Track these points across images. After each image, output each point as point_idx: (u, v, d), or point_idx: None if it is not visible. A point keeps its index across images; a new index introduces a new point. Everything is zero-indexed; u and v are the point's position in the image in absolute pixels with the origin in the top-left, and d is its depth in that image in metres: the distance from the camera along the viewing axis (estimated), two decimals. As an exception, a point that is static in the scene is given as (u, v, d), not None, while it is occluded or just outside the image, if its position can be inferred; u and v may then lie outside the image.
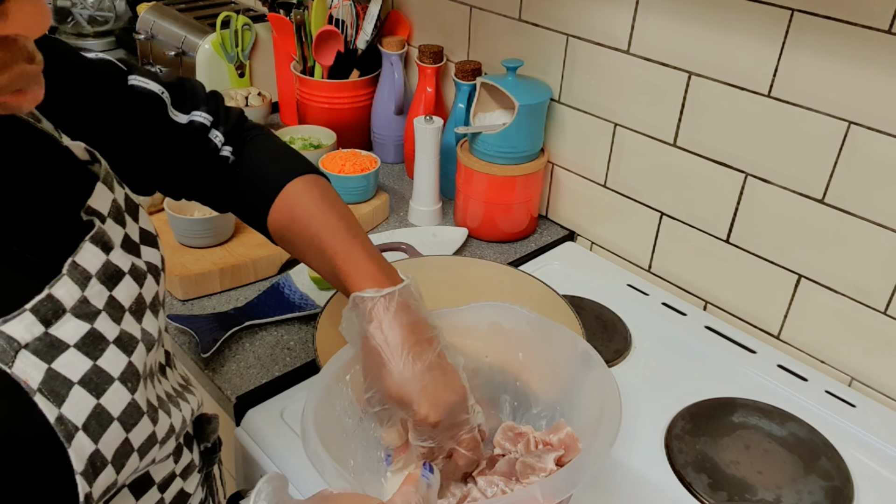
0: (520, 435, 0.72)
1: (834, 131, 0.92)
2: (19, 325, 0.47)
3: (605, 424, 0.63)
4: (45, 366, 0.47)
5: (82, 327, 0.50)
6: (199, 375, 0.98)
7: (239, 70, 1.61)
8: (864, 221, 0.93)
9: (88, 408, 0.49)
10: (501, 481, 0.67)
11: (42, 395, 0.47)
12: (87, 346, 0.50)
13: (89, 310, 0.51)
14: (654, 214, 1.17)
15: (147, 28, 1.71)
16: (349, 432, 0.70)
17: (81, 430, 0.48)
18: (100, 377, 0.50)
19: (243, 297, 1.09)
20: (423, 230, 1.27)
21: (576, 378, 0.73)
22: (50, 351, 0.48)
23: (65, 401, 0.48)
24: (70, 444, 0.47)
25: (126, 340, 0.53)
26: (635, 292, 1.16)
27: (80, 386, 0.49)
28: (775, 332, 1.07)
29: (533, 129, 1.20)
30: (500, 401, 0.78)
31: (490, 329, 0.76)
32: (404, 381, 0.64)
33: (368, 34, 1.42)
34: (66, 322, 0.49)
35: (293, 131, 1.43)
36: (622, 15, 1.09)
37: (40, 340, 0.47)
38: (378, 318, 0.65)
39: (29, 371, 0.46)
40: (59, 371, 0.48)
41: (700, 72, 1.03)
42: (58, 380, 0.48)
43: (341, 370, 0.69)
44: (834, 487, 0.84)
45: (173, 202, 1.17)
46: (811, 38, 0.91)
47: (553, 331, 0.74)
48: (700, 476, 0.85)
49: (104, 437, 0.49)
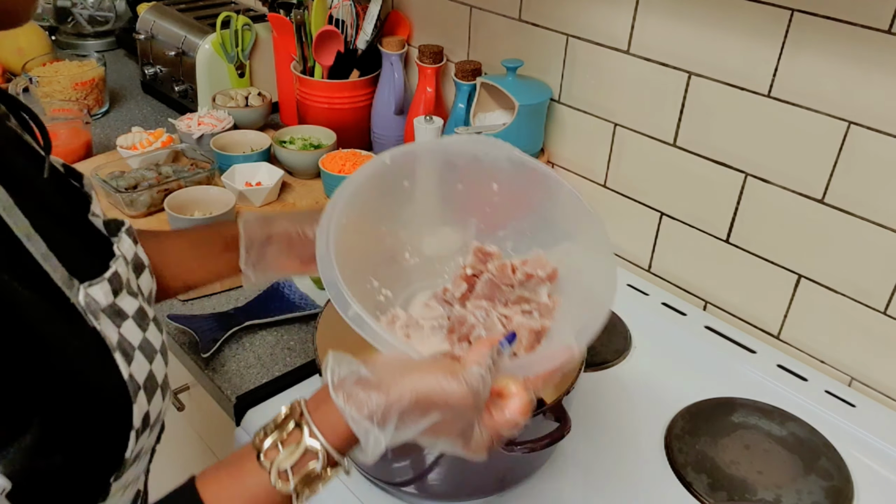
0: (488, 255, 0.74)
1: (834, 131, 0.92)
2: (100, 291, 0.54)
3: (603, 263, 0.67)
4: (117, 329, 0.54)
5: (134, 303, 0.58)
6: (200, 375, 0.98)
7: (239, 70, 1.61)
8: (864, 221, 0.93)
9: (145, 371, 0.56)
10: (488, 305, 0.70)
11: (119, 354, 0.53)
12: (139, 318, 0.57)
13: (134, 289, 0.59)
14: (654, 214, 1.17)
15: (147, 28, 1.71)
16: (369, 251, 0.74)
17: (142, 389, 0.55)
18: (149, 346, 0.57)
19: (243, 297, 1.09)
20: (423, 230, 1.27)
21: (549, 210, 0.77)
22: (117, 318, 0.55)
23: (132, 361, 0.55)
24: (136, 400, 0.54)
25: (157, 322, 0.61)
26: (635, 292, 1.16)
27: (139, 351, 0.56)
28: (775, 332, 1.07)
29: (533, 129, 1.20)
30: (468, 223, 0.80)
31: (470, 160, 0.77)
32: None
33: (368, 34, 1.42)
34: (125, 297, 0.57)
35: (293, 131, 1.43)
36: (622, 15, 1.09)
37: (111, 307, 0.55)
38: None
39: (108, 331, 0.53)
40: (126, 336, 0.55)
41: (700, 72, 1.03)
42: (126, 342, 0.55)
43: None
44: (834, 487, 0.84)
45: (173, 201, 1.17)
46: (811, 38, 0.91)
47: (532, 167, 0.76)
48: (700, 476, 0.85)
49: (153, 401, 0.56)
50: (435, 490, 0.78)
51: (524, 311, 0.72)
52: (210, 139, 1.38)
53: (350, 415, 0.52)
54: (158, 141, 1.39)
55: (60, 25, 1.97)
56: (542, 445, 0.70)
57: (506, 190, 0.77)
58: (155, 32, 1.69)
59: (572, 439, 0.86)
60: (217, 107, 1.50)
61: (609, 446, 0.88)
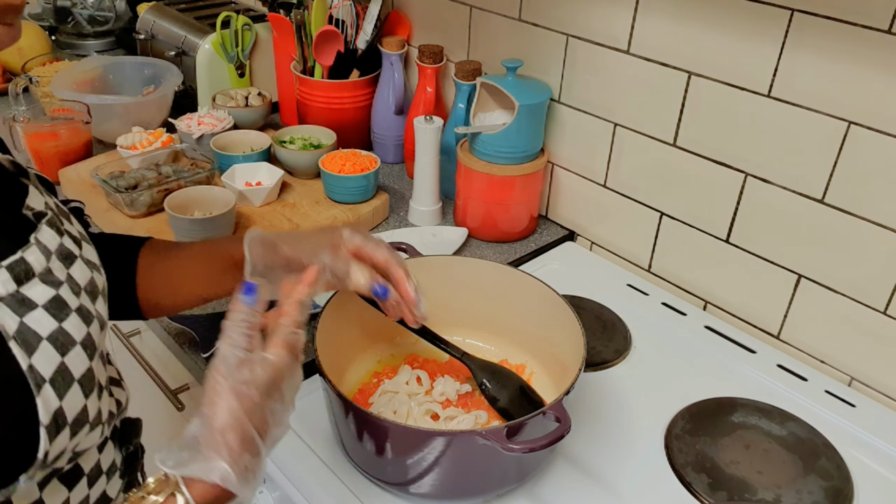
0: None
1: (834, 131, 0.92)
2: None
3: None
4: (18, 318, 0.52)
5: (49, 292, 0.56)
6: (200, 375, 0.98)
7: (239, 70, 1.61)
8: (864, 221, 0.93)
9: (55, 363, 0.54)
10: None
11: (16, 343, 0.51)
12: (54, 308, 0.55)
13: (54, 279, 0.57)
14: (654, 214, 1.17)
15: (147, 28, 1.71)
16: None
17: (48, 383, 0.53)
18: (65, 337, 0.55)
19: (243, 297, 1.09)
20: (423, 230, 1.27)
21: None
22: (21, 307, 0.53)
23: (35, 352, 0.52)
24: (38, 394, 0.52)
25: (85, 313, 0.59)
26: (635, 292, 1.16)
27: (48, 342, 0.54)
28: (775, 332, 1.07)
29: (533, 129, 1.20)
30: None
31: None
32: (308, 231, 0.79)
33: (368, 34, 1.42)
34: (35, 285, 0.55)
35: (293, 131, 1.43)
36: (622, 15, 1.09)
37: (13, 297, 0.53)
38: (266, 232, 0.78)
39: (5, 319, 0.51)
40: (30, 325, 0.53)
41: (700, 72, 1.03)
42: (29, 332, 0.53)
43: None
44: (834, 487, 0.84)
45: (173, 201, 1.17)
46: (811, 38, 0.91)
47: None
48: (700, 476, 0.85)
49: (68, 397, 0.54)
50: (435, 490, 0.78)
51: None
52: (210, 139, 1.38)
53: (197, 473, 0.54)
54: (158, 141, 1.39)
55: (60, 25, 1.97)
56: (542, 445, 0.70)
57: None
58: (155, 32, 1.69)
59: (572, 439, 0.86)
60: (217, 107, 1.50)
61: (609, 446, 0.88)
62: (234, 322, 0.60)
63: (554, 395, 0.82)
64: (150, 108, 1.52)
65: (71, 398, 0.54)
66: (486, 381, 0.88)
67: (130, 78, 1.63)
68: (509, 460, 0.76)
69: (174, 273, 0.81)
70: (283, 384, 0.61)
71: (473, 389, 0.91)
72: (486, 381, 0.88)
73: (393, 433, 0.75)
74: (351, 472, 0.83)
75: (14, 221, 0.58)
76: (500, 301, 0.95)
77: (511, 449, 0.69)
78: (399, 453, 0.75)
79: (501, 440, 0.70)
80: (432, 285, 0.96)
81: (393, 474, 0.79)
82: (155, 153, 1.34)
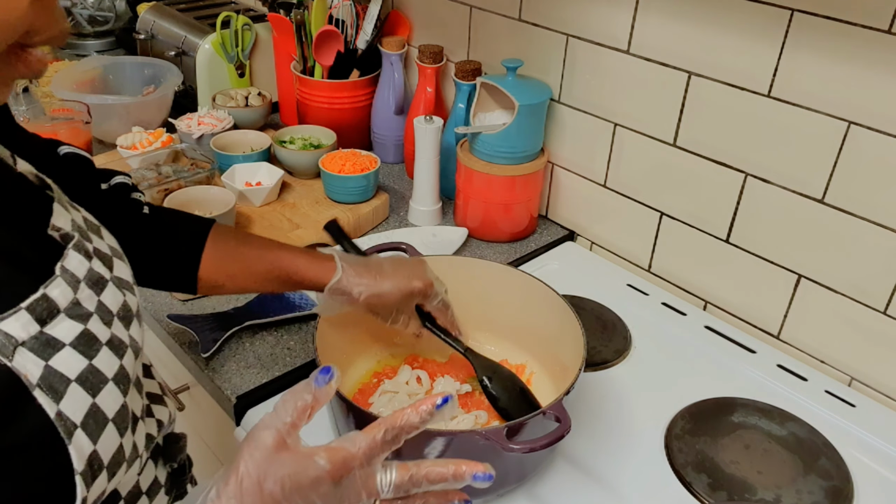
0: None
1: (834, 131, 0.92)
2: (15, 323, 0.47)
3: None
4: (43, 363, 0.48)
5: (76, 327, 0.51)
6: (200, 375, 0.98)
7: (239, 70, 1.61)
8: (864, 221, 0.93)
9: (86, 406, 0.50)
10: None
11: (41, 391, 0.47)
12: (83, 345, 0.51)
13: (82, 311, 0.52)
14: (653, 214, 1.17)
15: (147, 28, 1.71)
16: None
17: (80, 427, 0.49)
18: (95, 376, 0.51)
19: (243, 297, 1.09)
20: (423, 230, 1.27)
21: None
22: (46, 349, 0.49)
23: (63, 397, 0.48)
24: (70, 441, 0.48)
25: (117, 343, 0.54)
26: (635, 292, 1.16)
27: (77, 384, 0.49)
28: (775, 332, 1.07)
29: (533, 129, 1.20)
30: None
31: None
32: (394, 287, 0.82)
33: (368, 34, 1.42)
34: (61, 322, 0.50)
35: (293, 131, 1.43)
36: (622, 15, 1.09)
37: (36, 339, 0.48)
38: (353, 287, 0.81)
39: (28, 366, 0.47)
40: (57, 368, 0.49)
41: (700, 72, 1.03)
42: (56, 376, 0.48)
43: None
44: (834, 487, 0.84)
45: (173, 201, 1.17)
46: (811, 38, 0.91)
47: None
48: (700, 476, 0.85)
49: (102, 439, 0.50)
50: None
51: None
52: (210, 139, 1.38)
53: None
54: (158, 141, 1.39)
55: (60, 25, 1.97)
56: (542, 445, 0.70)
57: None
58: (155, 32, 1.69)
59: (572, 439, 0.86)
60: (217, 107, 1.50)
61: (609, 446, 0.88)
62: (293, 398, 0.53)
63: (554, 395, 0.82)
64: (150, 108, 1.52)
65: (105, 439, 0.51)
66: (487, 379, 0.88)
67: (130, 78, 1.63)
68: (509, 460, 0.76)
69: (238, 264, 0.81)
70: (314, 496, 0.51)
71: (474, 389, 0.91)
72: (488, 378, 0.88)
73: (393, 433, 0.75)
74: (351, 472, 0.83)
75: (38, 247, 0.54)
76: (500, 301, 0.95)
77: (511, 449, 0.69)
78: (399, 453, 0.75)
79: (501, 440, 0.70)
80: (432, 285, 0.96)
81: (393, 474, 0.78)
82: (155, 153, 1.34)
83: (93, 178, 0.79)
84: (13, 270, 0.50)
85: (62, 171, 0.72)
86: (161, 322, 1.03)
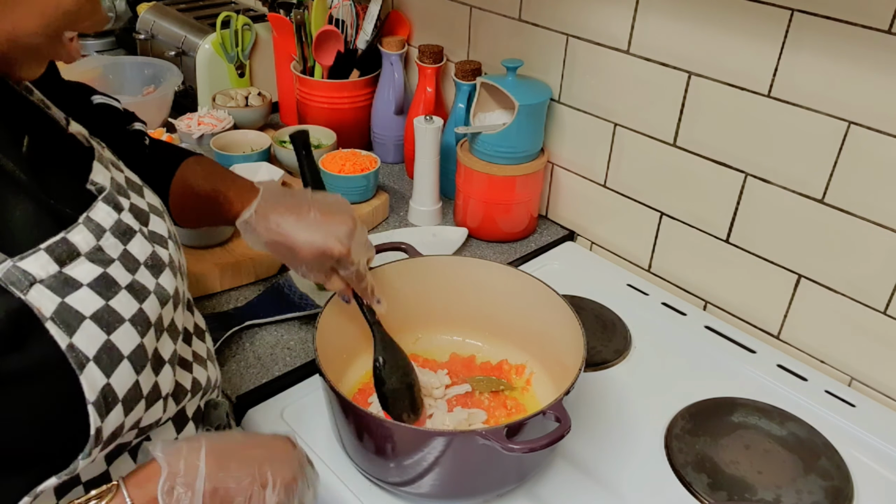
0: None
1: (834, 131, 0.92)
2: (34, 263, 0.52)
3: None
4: (59, 299, 0.53)
5: (95, 270, 0.56)
6: (199, 375, 0.98)
7: (239, 70, 1.61)
8: (864, 221, 0.93)
9: (99, 342, 0.54)
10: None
11: (54, 324, 0.52)
12: (100, 286, 0.55)
13: (104, 257, 0.57)
14: (653, 214, 1.17)
15: (147, 28, 1.71)
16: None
17: (93, 361, 0.53)
18: (111, 316, 0.55)
19: (243, 297, 1.09)
20: (423, 230, 1.27)
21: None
22: (64, 287, 0.53)
23: (76, 331, 0.53)
24: (82, 372, 0.52)
25: (138, 289, 0.58)
26: (635, 292, 1.16)
27: (92, 321, 0.54)
28: (775, 332, 1.07)
29: (533, 129, 1.20)
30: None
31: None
32: (307, 242, 0.77)
33: (368, 34, 1.42)
34: (81, 264, 0.55)
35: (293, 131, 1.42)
36: (622, 15, 1.09)
37: (55, 278, 0.53)
38: (261, 224, 0.80)
39: (42, 301, 0.52)
40: (72, 305, 0.53)
41: (700, 72, 1.03)
42: (70, 312, 0.53)
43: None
44: (834, 487, 0.84)
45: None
46: (811, 38, 0.91)
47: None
48: (700, 476, 0.85)
49: (116, 374, 0.54)
50: (434, 490, 0.78)
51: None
52: (210, 139, 1.38)
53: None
54: (158, 141, 1.39)
55: (60, 25, 1.97)
56: (542, 445, 0.70)
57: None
58: (155, 32, 1.69)
59: (572, 439, 0.86)
60: (217, 107, 1.50)
61: (609, 446, 0.88)
62: None
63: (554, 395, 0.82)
64: (150, 108, 1.52)
65: (120, 375, 0.55)
66: (381, 361, 0.86)
67: (130, 78, 1.63)
68: (509, 460, 0.76)
69: (189, 187, 0.84)
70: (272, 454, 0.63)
71: (474, 389, 0.91)
72: (382, 360, 0.86)
73: (393, 433, 0.75)
74: (351, 472, 0.83)
75: (74, 198, 0.59)
76: (500, 301, 0.95)
77: (511, 449, 0.69)
78: (399, 453, 0.75)
79: (501, 440, 0.69)
80: (432, 285, 0.97)
81: (393, 474, 0.79)
82: (155, 153, 1.34)
83: (121, 125, 0.87)
84: (44, 216, 0.55)
85: (95, 118, 0.81)
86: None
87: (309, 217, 0.78)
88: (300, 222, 0.78)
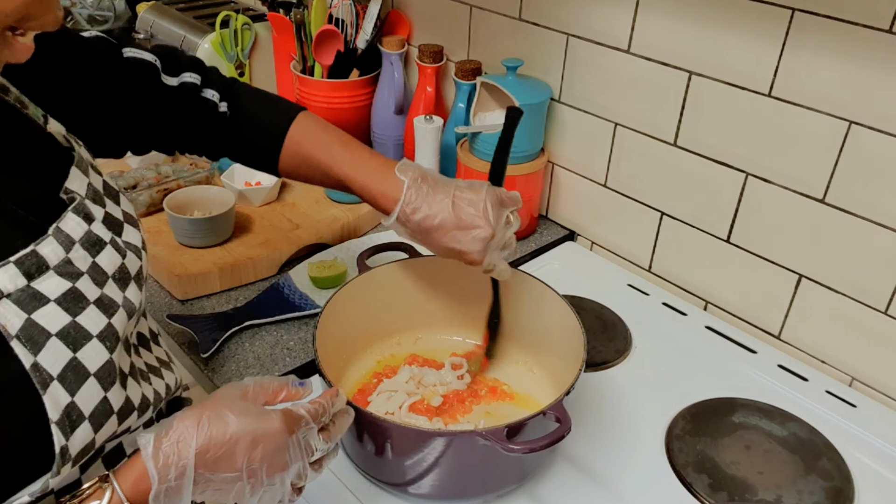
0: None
1: (834, 131, 0.92)
2: (3, 275, 0.50)
3: None
4: (25, 315, 0.51)
5: (64, 284, 0.54)
6: (199, 375, 0.98)
7: (239, 70, 1.61)
8: (864, 221, 0.93)
9: (64, 359, 0.52)
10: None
11: (19, 342, 0.50)
12: (68, 302, 0.53)
13: (72, 270, 0.55)
14: (654, 214, 1.17)
15: (147, 27, 1.71)
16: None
17: (57, 379, 0.51)
18: (78, 332, 0.53)
19: (243, 297, 1.09)
20: (423, 230, 1.27)
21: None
22: (31, 302, 0.51)
23: (41, 349, 0.51)
24: (45, 392, 0.51)
25: (107, 303, 0.56)
26: (635, 292, 1.16)
27: (58, 338, 0.52)
28: (776, 332, 1.07)
29: (533, 128, 1.20)
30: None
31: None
32: (441, 244, 0.80)
33: (368, 34, 1.42)
34: (49, 278, 0.53)
35: (293, 131, 1.42)
36: (622, 15, 1.09)
37: (22, 292, 0.51)
38: (409, 210, 0.80)
39: (9, 317, 0.50)
40: (38, 321, 0.51)
41: (700, 71, 1.03)
42: (36, 329, 0.51)
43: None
44: (834, 487, 0.84)
45: (172, 201, 1.17)
46: (812, 38, 0.91)
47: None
48: (700, 476, 0.84)
49: (82, 391, 0.53)
50: (435, 490, 0.78)
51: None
52: (210, 139, 1.38)
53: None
54: (158, 140, 1.39)
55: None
56: (542, 445, 0.70)
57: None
58: (154, 32, 1.69)
59: (572, 439, 0.86)
60: (217, 106, 1.50)
61: (609, 446, 0.88)
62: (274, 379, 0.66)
63: (554, 395, 0.82)
64: (150, 108, 1.52)
65: (86, 392, 0.53)
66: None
67: (130, 77, 1.63)
68: (509, 461, 0.76)
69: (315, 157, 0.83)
70: (264, 446, 0.60)
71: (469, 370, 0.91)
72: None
73: (393, 433, 0.75)
74: (351, 472, 0.83)
75: (45, 207, 0.56)
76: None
77: (511, 449, 0.69)
78: (399, 454, 0.75)
79: (501, 440, 0.69)
80: (432, 285, 0.97)
81: (393, 474, 0.78)
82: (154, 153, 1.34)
83: (158, 79, 0.82)
84: (11, 226, 0.53)
85: (125, 77, 0.78)
86: (160, 322, 1.03)
87: (446, 219, 0.79)
88: (443, 222, 0.79)
